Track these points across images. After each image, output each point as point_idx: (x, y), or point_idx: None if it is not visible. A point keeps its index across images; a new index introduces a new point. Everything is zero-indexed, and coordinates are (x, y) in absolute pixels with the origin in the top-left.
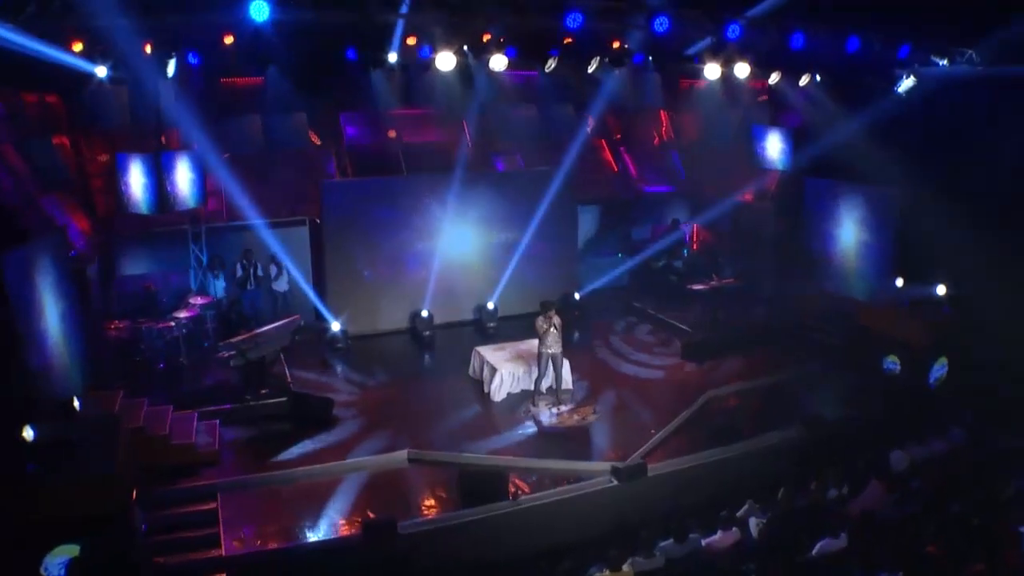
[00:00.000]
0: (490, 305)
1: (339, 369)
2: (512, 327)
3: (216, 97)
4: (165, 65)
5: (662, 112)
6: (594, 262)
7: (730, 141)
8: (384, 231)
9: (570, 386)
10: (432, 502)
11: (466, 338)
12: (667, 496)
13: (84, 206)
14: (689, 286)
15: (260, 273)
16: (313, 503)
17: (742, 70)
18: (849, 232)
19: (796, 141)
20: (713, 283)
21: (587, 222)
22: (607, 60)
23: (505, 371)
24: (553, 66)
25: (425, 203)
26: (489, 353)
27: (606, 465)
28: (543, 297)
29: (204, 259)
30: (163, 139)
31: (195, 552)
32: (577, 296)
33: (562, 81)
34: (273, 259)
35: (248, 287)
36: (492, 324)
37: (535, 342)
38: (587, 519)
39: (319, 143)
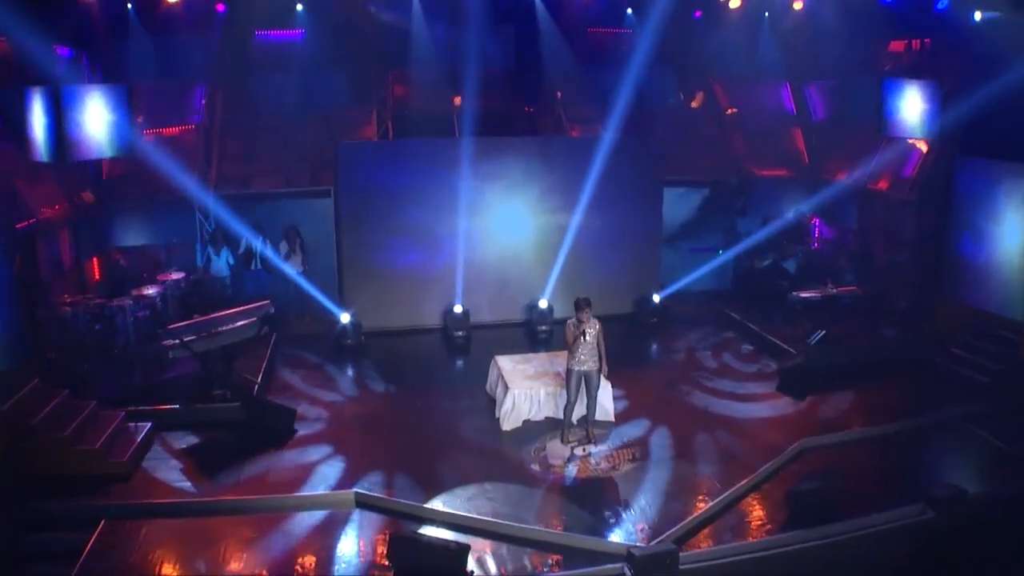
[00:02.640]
0: (543, 303)
1: (332, 372)
2: None
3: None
4: None
5: (786, 84)
6: (690, 257)
7: (865, 118)
8: (413, 204)
9: (611, 418)
10: (361, 569)
11: (511, 343)
12: None
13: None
14: (796, 293)
15: (269, 251)
16: (209, 548)
17: None
18: (1014, 231)
19: (945, 101)
20: (829, 291)
21: (682, 209)
22: None
23: (519, 391)
24: None
25: (468, 171)
26: (507, 365)
27: (622, 546)
28: (613, 297)
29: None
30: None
31: None
32: (657, 298)
33: (660, 42)
34: (287, 234)
35: (253, 266)
36: (544, 328)
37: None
38: None
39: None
